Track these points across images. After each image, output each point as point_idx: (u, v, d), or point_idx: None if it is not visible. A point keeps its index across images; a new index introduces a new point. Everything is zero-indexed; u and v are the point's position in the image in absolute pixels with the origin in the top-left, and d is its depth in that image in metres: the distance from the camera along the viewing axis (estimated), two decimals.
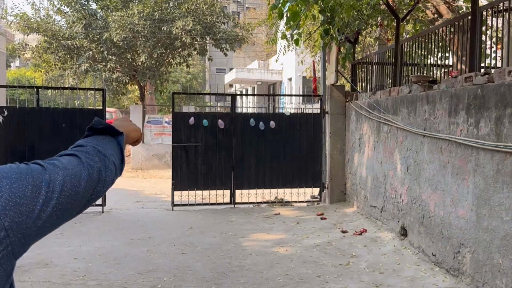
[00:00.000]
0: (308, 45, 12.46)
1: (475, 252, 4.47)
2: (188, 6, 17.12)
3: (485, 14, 5.18)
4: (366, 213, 7.67)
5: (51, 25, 17.38)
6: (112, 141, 1.25)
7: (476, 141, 4.44)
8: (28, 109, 8.19)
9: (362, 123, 8.00)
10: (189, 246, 6.10)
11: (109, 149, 1.22)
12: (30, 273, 4.95)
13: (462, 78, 4.82)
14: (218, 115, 8.99)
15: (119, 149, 1.26)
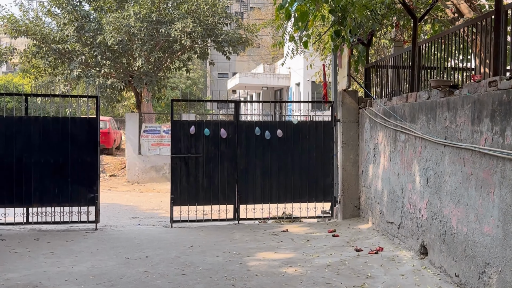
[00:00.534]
0: (318, 48, 12.50)
1: (502, 272, 4.43)
2: (188, 6, 17.24)
3: (510, 13, 5.18)
4: (382, 230, 7.63)
5: (41, 28, 17.53)
6: None
7: (502, 151, 4.42)
8: (16, 118, 8.24)
9: (377, 132, 7.99)
10: (190, 266, 6.08)
11: None
12: None
13: (486, 83, 4.81)
14: (220, 123, 9.01)
15: None
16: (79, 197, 8.30)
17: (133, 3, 17.65)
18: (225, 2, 19.17)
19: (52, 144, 8.17)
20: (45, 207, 8.27)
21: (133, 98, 22.61)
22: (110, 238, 7.65)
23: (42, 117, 8.36)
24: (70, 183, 8.25)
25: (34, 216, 8.24)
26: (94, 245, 7.15)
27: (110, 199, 12.31)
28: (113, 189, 15.20)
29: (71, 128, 8.22)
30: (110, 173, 17.84)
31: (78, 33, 17.02)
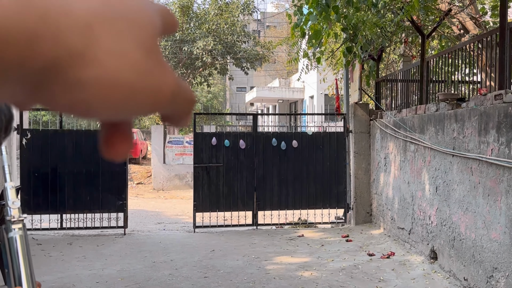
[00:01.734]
0: (331, 63, 12.47)
1: (509, 276, 4.34)
2: (209, 26, 17.39)
3: None
4: (394, 235, 7.54)
5: None
6: None
7: (508, 161, 4.35)
8: (51, 131, 8.36)
9: (388, 142, 7.92)
10: (212, 269, 6.08)
11: None
12: None
13: (492, 96, 4.75)
14: (239, 135, 9.02)
15: None
16: (109, 204, 8.37)
17: None
18: (243, 21, 19.29)
19: (84, 155, 8.26)
20: (77, 214, 8.35)
21: None
22: (137, 242, 7.69)
23: (75, 130, 8.47)
24: (101, 191, 8.32)
25: (67, 222, 8.32)
26: (123, 249, 7.19)
27: (137, 206, 12.37)
28: (140, 196, 15.29)
29: None
30: (137, 181, 17.96)
31: None
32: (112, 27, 0.26)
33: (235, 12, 17.87)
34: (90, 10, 0.25)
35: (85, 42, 0.25)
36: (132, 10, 0.28)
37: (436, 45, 9.93)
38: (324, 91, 18.92)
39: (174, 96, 0.30)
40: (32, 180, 8.12)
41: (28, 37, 0.23)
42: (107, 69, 0.26)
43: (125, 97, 0.27)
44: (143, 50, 0.27)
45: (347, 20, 7.34)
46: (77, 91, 0.25)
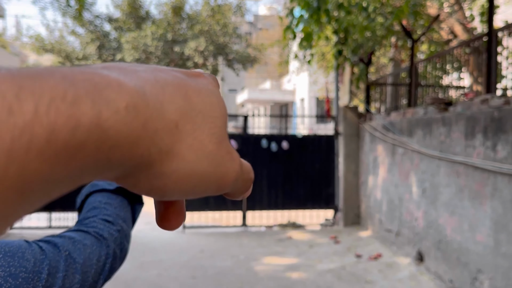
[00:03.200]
0: (321, 66, 12.53)
1: (493, 278, 4.38)
2: (201, 27, 17.37)
3: (501, 35, 5.18)
4: (381, 237, 7.58)
5: (65, 46, 17.72)
6: (128, 210, 0.99)
7: (493, 165, 4.40)
8: None
9: (376, 145, 7.96)
10: (200, 270, 6.07)
11: (129, 224, 0.97)
12: None
13: (478, 101, 4.80)
14: (230, 136, 9.02)
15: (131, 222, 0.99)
16: None
17: (150, 23, 17.81)
18: (235, 23, 19.28)
19: None
20: (66, 213, 8.31)
21: None
22: None
23: None
24: None
25: (56, 221, 8.27)
26: None
27: None
28: None
29: None
30: None
31: (99, 51, 17.17)
32: (192, 121, 0.29)
33: (227, 14, 17.86)
34: (178, 110, 0.28)
35: (173, 140, 0.28)
36: (206, 104, 0.30)
37: (425, 49, 10.01)
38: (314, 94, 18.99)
39: (237, 179, 0.32)
40: None
41: (132, 141, 0.25)
42: (187, 161, 0.29)
43: (198, 183, 0.30)
44: (216, 141, 0.30)
45: (338, 23, 7.38)
46: (159, 180, 0.28)
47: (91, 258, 0.83)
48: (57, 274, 0.77)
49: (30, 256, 0.76)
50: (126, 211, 0.96)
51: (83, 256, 0.82)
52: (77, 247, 0.83)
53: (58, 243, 0.82)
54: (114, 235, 0.89)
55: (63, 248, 0.81)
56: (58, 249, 0.80)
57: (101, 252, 0.86)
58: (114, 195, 0.96)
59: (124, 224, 0.93)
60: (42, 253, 0.78)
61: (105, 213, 0.92)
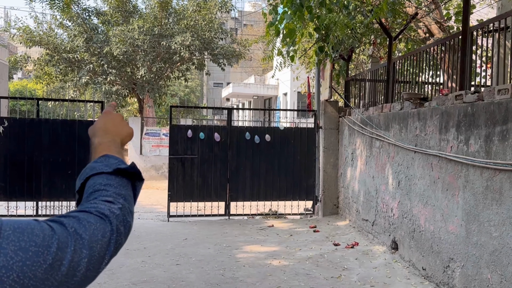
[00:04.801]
0: (304, 62, 12.49)
1: (464, 267, 4.43)
2: (187, 22, 17.18)
3: (476, 34, 5.21)
4: (358, 227, 7.63)
5: (53, 39, 17.38)
6: (129, 188, 1.02)
7: (466, 158, 4.43)
8: (28, 120, 8.14)
9: (355, 138, 7.99)
10: (184, 257, 6.03)
11: (131, 201, 1.01)
12: None
13: (453, 96, 4.83)
14: (214, 128, 8.97)
15: (133, 198, 1.03)
16: None
17: (137, 17, 17.56)
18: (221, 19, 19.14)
19: (61, 144, 8.09)
20: (53, 201, 8.18)
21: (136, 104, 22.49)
22: None
23: (52, 119, 8.27)
24: (75, 179, 8.15)
25: (43, 209, 8.14)
26: None
27: None
28: None
29: (78, 130, 8.14)
30: None
31: (87, 44, 16.88)
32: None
33: (213, 10, 17.69)
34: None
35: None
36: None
37: (403, 47, 10.05)
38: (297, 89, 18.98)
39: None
40: (9, 167, 7.92)
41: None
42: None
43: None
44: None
45: (319, 20, 7.34)
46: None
47: (96, 234, 0.86)
48: (66, 248, 0.80)
49: (39, 232, 0.79)
50: (126, 189, 1.00)
51: (89, 232, 0.85)
52: (82, 224, 0.86)
53: (64, 221, 0.85)
54: (116, 213, 0.93)
55: (69, 225, 0.84)
56: (65, 227, 0.83)
57: (105, 229, 0.89)
58: (113, 175, 1.00)
59: (125, 202, 0.97)
60: (51, 229, 0.81)
61: (105, 194, 0.96)
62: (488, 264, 4.04)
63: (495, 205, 3.97)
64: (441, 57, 6.20)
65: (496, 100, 4.05)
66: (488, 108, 4.13)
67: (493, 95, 4.12)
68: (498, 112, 3.98)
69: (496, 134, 3.98)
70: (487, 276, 4.05)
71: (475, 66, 6.08)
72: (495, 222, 3.96)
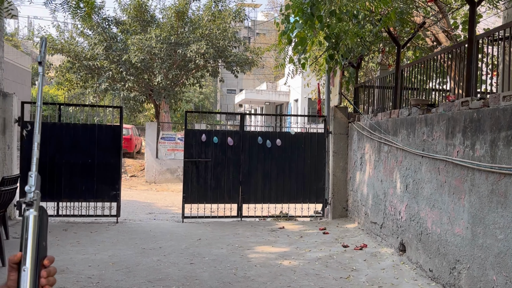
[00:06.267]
0: (314, 69, 12.51)
1: (470, 268, 4.41)
2: (202, 31, 17.32)
3: (482, 42, 5.20)
4: (367, 229, 7.60)
5: (74, 47, 17.63)
6: None
7: (472, 162, 4.42)
8: (50, 124, 8.27)
9: (364, 143, 7.98)
10: (197, 256, 6.08)
11: None
12: None
13: (459, 102, 4.82)
14: (227, 132, 9.02)
15: None
16: (103, 194, 8.31)
17: (155, 26, 17.74)
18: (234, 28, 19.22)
19: (81, 147, 8.20)
20: (73, 202, 8.29)
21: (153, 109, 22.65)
22: (129, 230, 7.65)
23: (73, 123, 8.39)
24: (96, 181, 8.26)
25: (63, 210, 8.25)
26: (115, 236, 7.15)
27: (130, 197, 12.30)
28: (133, 188, 15.20)
29: (98, 134, 8.25)
30: (131, 174, 17.84)
31: (106, 52, 17.10)
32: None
33: (227, 19, 17.81)
34: None
35: None
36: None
37: (411, 55, 10.02)
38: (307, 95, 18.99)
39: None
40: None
41: None
42: None
43: None
44: None
45: (330, 29, 7.36)
46: None
47: None
48: None
49: None
50: None
51: None
52: None
53: None
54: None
55: None
56: None
57: None
58: None
59: None
60: None
61: None
62: (494, 266, 4.01)
63: (500, 208, 3.95)
64: (448, 64, 6.18)
65: (501, 106, 4.04)
66: (494, 114, 4.12)
67: (498, 102, 4.11)
68: (503, 118, 3.96)
69: (501, 139, 3.97)
70: (492, 278, 4.03)
71: (481, 73, 6.05)
72: (500, 224, 3.94)
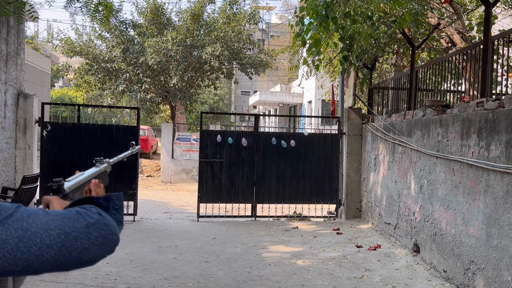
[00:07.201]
0: (328, 71, 12.48)
1: (484, 269, 4.35)
2: (217, 33, 17.40)
3: (497, 44, 5.13)
4: (381, 230, 7.55)
5: (93, 49, 17.84)
6: None
7: (487, 163, 4.36)
8: (69, 124, 8.39)
9: (378, 144, 7.93)
10: (212, 255, 6.10)
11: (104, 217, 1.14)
12: (66, 275, 5.01)
13: (474, 103, 4.77)
14: (242, 133, 9.04)
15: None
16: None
17: (171, 29, 17.87)
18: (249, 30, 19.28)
19: (99, 147, 8.29)
20: None
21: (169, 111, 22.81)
22: (145, 229, 7.72)
23: (91, 124, 8.49)
24: (113, 181, 8.34)
25: None
26: (132, 234, 7.22)
27: (147, 196, 12.39)
28: (149, 188, 15.31)
29: (115, 134, 8.34)
30: (147, 174, 17.97)
31: (123, 54, 17.27)
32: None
33: (242, 22, 17.86)
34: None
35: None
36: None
37: (425, 56, 9.93)
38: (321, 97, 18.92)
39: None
40: (51, 168, 8.16)
41: None
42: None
43: None
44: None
45: (344, 31, 7.34)
46: None
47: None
48: None
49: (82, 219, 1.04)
50: None
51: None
52: None
53: None
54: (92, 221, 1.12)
55: None
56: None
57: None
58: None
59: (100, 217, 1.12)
60: None
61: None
62: (508, 267, 3.96)
63: None
64: (463, 66, 6.12)
65: None
66: (509, 114, 4.07)
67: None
68: None
69: None
70: (507, 279, 3.98)
71: (497, 75, 5.98)
72: None
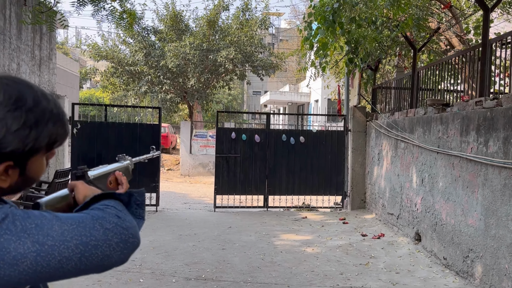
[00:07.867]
0: (334, 72, 12.39)
1: (483, 257, 4.30)
2: (231, 38, 17.38)
3: (495, 46, 5.04)
4: (384, 220, 7.50)
5: (117, 54, 17.93)
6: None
7: (485, 158, 4.30)
8: (97, 123, 8.45)
9: (381, 140, 7.87)
10: (228, 242, 6.11)
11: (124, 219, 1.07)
12: None
13: (473, 102, 4.70)
14: (255, 131, 9.02)
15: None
16: (143, 186, 8.38)
17: (189, 35, 17.88)
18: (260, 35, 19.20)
19: (124, 143, 8.34)
20: None
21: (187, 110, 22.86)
22: (167, 218, 7.76)
23: (117, 122, 8.55)
24: (137, 174, 8.39)
25: None
26: (154, 223, 7.27)
27: (167, 188, 12.46)
28: (169, 180, 15.39)
29: (139, 132, 8.38)
30: (167, 167, 18.06)
31: (146, 58, 17.33)
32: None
33: (254, 27, 17.80)
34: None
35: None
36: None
37: (425, 58, 9.81)
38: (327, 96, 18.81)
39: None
40: (81, 163, 8.23)
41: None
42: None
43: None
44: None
45: (350, 35, 7.27)
46: None
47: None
48: None
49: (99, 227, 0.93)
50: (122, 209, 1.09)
51: None
52: None
53: None
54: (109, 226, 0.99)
55: None
56: None
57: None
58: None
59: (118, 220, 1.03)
60: None
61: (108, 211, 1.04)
62: (505, 255, 3.90)
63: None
64: (461, 67, 6.03)
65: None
66: (507, 113, 4.00)
67: (511, 101, 3.99)
68: None
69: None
70: (504, 266, 3.92)
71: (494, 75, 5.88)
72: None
